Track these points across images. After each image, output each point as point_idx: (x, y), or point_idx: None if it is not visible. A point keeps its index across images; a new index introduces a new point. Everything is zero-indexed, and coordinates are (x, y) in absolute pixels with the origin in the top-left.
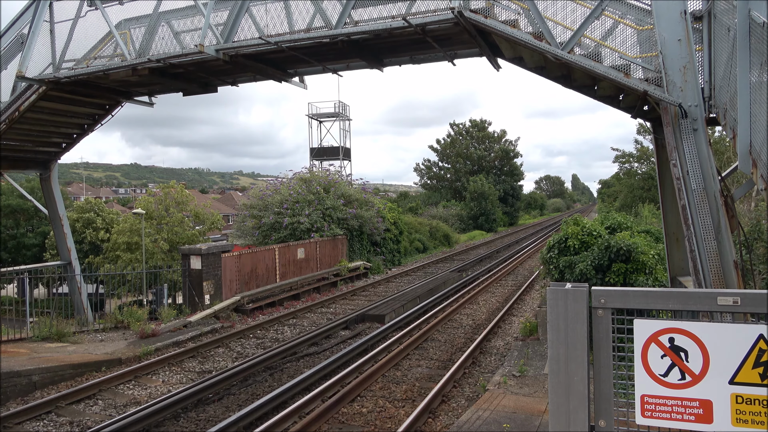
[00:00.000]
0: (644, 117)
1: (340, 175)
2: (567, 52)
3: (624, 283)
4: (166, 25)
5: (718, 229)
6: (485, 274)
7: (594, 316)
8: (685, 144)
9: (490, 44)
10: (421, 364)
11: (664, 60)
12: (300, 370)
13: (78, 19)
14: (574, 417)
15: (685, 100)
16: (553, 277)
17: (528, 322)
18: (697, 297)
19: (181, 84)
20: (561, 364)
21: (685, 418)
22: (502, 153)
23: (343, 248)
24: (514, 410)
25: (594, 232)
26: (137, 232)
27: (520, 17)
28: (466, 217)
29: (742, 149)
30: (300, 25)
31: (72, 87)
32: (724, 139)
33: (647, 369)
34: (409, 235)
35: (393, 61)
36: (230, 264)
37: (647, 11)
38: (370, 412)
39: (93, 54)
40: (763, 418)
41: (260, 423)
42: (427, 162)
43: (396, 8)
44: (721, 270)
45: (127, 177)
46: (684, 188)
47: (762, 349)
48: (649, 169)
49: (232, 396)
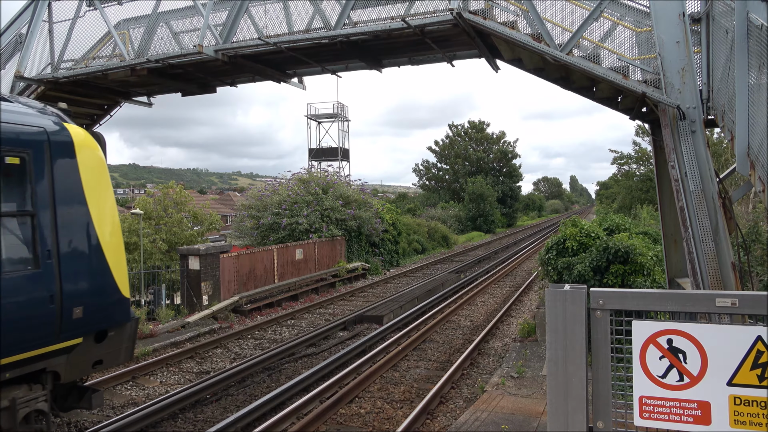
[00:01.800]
0: (643, 119)
1: (339, 175)
2: (566, 54)
3: (622, 285)
4: (165, 25)
5: (716, 231)
6: (484, 275)
7: (592, 317)
8: (683, 146)
9: (488, 46)
10: (419, 365)
11: (662, 62)
12: (298, 371)
13: (77, 19)
14: (573, 418)
15: (683, 101)
16: (551, 279)
17: (526, 323)
18: (695, 298)
19: (180, 84)
20: (559, 366)
21: (684, 420)
22: (501, 154)
23: (341, 249)
24: (513, 411)
25: (592, 234)
26: (135, 232)
27: (519, 19)
28: (465, 218)
29: (740, 151)
30: (299, 26)
31: (71, 87)
32: (722, 141)
33: (645, 370)
34: (407, 236)
35: (392, 62)
36: (228, 265)
37: (646, 13)
38: (369, 413)
39: (92, 54)
40: (761, 419)
41: (258, 424)
42: (426, 163)
43: (395, 9)
44: (719, 272)
45: (126, 177)
46: (682, 190)
47: (760, 351)
48: (647, 171)
49: (230, 397)
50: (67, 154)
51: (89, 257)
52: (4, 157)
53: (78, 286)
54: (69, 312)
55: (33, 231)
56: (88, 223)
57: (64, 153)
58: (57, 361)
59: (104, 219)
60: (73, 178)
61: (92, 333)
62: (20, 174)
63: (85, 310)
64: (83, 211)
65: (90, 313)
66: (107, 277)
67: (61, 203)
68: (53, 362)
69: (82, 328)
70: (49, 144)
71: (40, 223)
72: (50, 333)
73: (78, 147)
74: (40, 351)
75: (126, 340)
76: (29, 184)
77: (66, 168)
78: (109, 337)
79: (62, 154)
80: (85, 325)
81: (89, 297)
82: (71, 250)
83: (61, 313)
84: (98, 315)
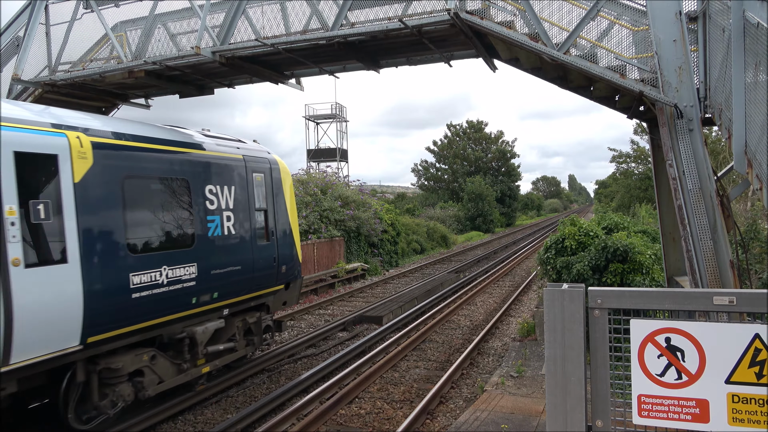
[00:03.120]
0: (640, 117)
1: (337, 176)
2: (563, 53)
3: (621, 284)
4: (162, 27)
5: (714, 229)
6: (483, 275)
7: (591, 316)
8: (681, 144)
9: (486, 45)
10: (419, 365)
11: (659, 61)
12: (298, 372)
13: (74, 22)
14: (572, 417)
15: (680, 100)
16: (550, 278)
17: (525, 322)
18: (693, 297)
19: (178, 86)
20: (558, 365)
21: (682, 418)
22: (499, 154)
23: (340, 250)
24: (512, 411)
25: (591, 233)
26: None
27: (516, 18)
28: (464, 218)
29: (737, 149)
30: (296, 27)
31: (68, 89)
32: (719, 139)
33: (644, 369)
34: (406, 237)
35: (389, 63)
36: None
37: (642, 12)
38: (369, 413)
39: (89, 56)
40: (759, 417)
41: (259, 425)
42: (425, 163)
43: (392, 9)
44: (718, 270)
45: None
46: (680, 188)
47: (758, 349)
48: (646, 170)
49: (229, 398)
50: (279, 174)
51: (287, 236)
52: (254, 175)
53: (284, 253)
54: (279, 268)
55: (266, 220)
56: (287, 215)
57: (277, 173)
58: (269, 299)
59: (293, 213)
60: (281, 188)
61: (285, 283)
62: (261, 185)
63: (286, 269)
64: (284, 208)
65: (287, 270)
66: (294, 250)
67: (277, 203)
68: (269, 299)
69: (283, 279)
70: (270, 168)
71: (268, 215)
72: (273, 280)
73: (282, 170)
74: (267, 290)
75: (297, 290)
76: (264, 191)
77: (278, 182)
78: (290, 287)
79: (277, 174)
80: (285, 277)
81: (287, 261)
82: (281, 232)
83: (277, 268)
84: (289, 272)
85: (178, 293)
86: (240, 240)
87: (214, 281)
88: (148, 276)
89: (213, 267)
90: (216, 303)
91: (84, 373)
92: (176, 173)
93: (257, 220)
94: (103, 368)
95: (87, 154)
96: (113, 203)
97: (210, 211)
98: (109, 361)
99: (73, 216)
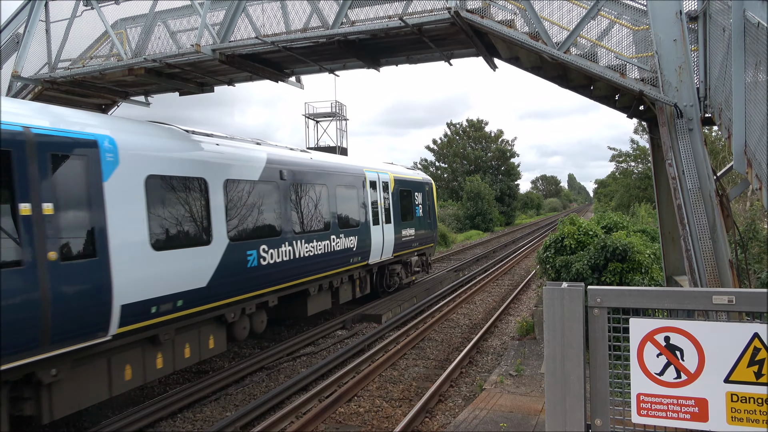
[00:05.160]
0: (640, 117)
1: None
2: (563, 53)
3: (620, 283)
4: (162, 24)
5: (713, 229)
6: (482, 273)
7: (590, 315)
8: (680, 144)
9: (486, 44)
10: (418, 363)
11: (659, 60)
12: (297, 370)
13: (74, 19)
14: (571, 416)
15: (680, 100)
16: (549, 277)
17: (524, 321)
18: (692, 296)
19: (178, 84)
20: (557, 364)
21: (681, 417)
22: (499, 153)
23: None
24: (511, 409)
25: (590, 232)
26: None
27: (516, 17)
28: (463, 216)
29: (737, 149)
30: (296, 25)
31: (68, 87)
32: (719, 139)
33: (643, 368)
34: None
35: (390, 61)
36: None
37: (643, 11)
38: (367, 411)
39: (89, 54)
40: (758, 416)
41: (257, 422)
42: (424, 162)
43: (393, 8)
44: (717, 269)
45: None
46: (679, 188)
47: (757, 348)
48: (645, 169)
49: (228, 396)
50: (432, 187)
51: (434, 221)
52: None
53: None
54: (436, 234)
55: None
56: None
57: (430, 187)
58: (430, 250)
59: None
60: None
61: (433, 243)
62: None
63: (433, 234)
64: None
65: (435, 237)
66: (436, 228)
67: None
68: (429, 250)
69: (433, 241)
70: (430, 183)
71: (430, 209)
72: (431, 241)
73: (432, 185)
74: (428, 246)
75: (434, 248)
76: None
77: (431, 191)
78: (433, 246)
79: (430, 187)
80: (432, 240)
81: (431, 229)
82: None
83: (434, 233)
84: (435, 238)
85: (410, 240)
86: (423, 220)
87: (417, 238)
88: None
89: (418, 230)
90: (416, 248)
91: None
92: (417, 189)
93: (427, 211)
94: (389, 268)
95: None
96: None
97: (416, 205)
98: (391, 267)
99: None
